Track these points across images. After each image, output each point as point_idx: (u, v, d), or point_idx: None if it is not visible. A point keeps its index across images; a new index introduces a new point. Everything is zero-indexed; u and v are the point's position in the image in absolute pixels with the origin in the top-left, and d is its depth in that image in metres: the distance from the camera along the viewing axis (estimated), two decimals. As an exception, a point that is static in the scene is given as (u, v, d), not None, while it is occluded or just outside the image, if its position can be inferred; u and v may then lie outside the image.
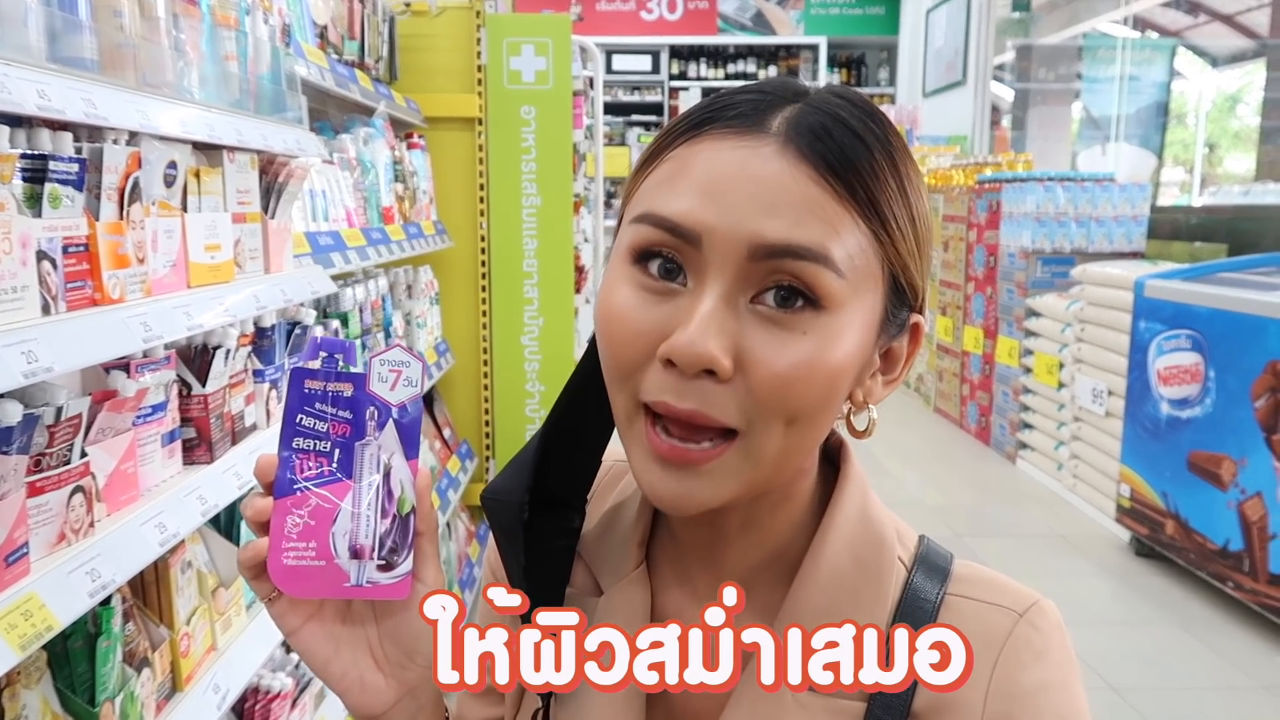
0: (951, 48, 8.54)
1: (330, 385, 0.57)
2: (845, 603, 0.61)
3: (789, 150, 0.54)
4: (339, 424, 0.57)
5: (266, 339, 1.59)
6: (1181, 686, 2.82)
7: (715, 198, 0.54)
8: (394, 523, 0.58)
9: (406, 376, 0.58)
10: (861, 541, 0.63)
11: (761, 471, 0.57)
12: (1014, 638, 0.60)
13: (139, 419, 1.24)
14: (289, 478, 0.57)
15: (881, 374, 0.62)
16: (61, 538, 1.06)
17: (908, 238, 0.58)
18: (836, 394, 0.57)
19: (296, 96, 1.82)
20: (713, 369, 0.53)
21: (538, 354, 3.42)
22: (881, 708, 0.58)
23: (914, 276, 0.59)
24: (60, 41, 1.10)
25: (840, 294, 0.54)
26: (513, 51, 3.25)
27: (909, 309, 0.61)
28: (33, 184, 1.02)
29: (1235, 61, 9.05)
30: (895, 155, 0.57)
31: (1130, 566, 3.77)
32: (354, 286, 2.28)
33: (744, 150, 0.55)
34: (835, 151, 0.54)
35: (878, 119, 0.58)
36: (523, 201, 3.33)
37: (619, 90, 9.86)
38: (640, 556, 0.68)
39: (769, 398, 0.54)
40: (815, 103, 0.57)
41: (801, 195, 0.54)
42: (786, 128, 0.55)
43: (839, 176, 0.54)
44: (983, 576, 0.64)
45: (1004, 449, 5.27)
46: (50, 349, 0.96)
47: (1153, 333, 3.71)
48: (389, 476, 0.58)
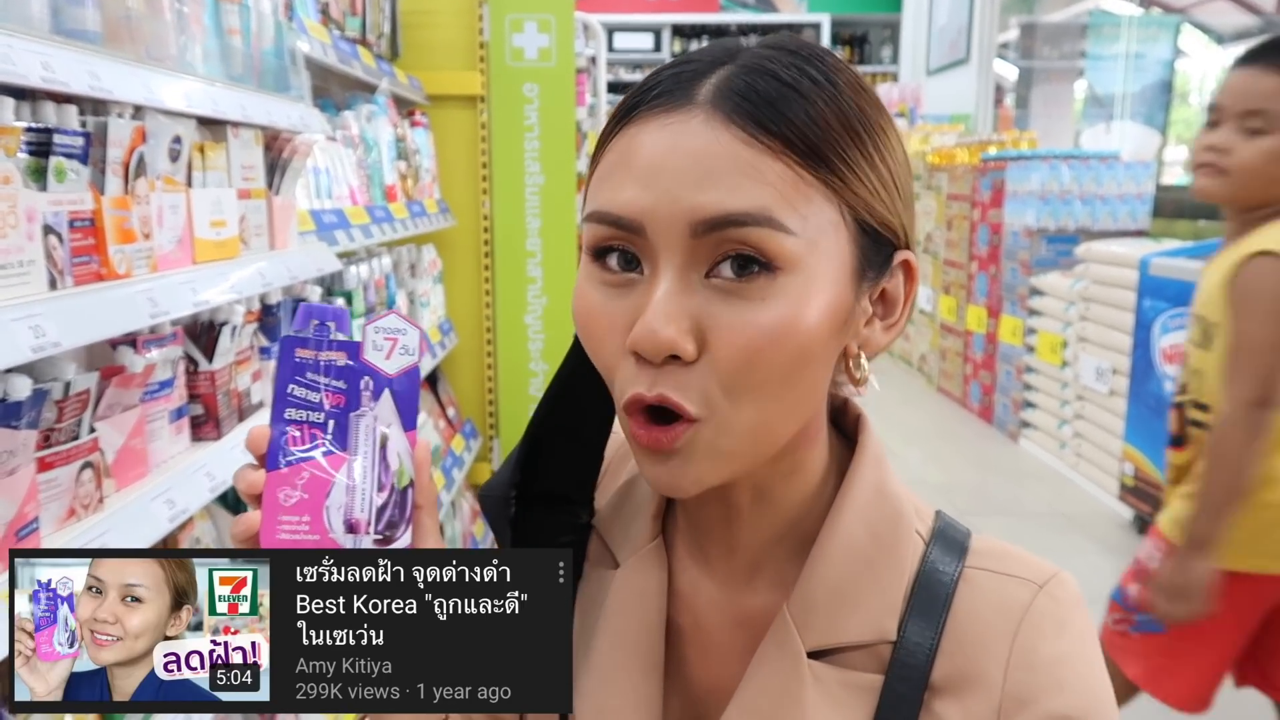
0: (955, 25, 8.48)
1: (322, 354, 0.56)
2: (862, 576, 0.61)
3: (716, 116, 0.53)
4: (332, 394, 0.56)
5: (272, 316, 1.58)
6: (1184, 662, 2.83)
7: (649, 181, 0.53)
8: (391, 496, 0.57)
9: (403, 345, 0.57)
10: (878, 514, 0.62)
11: (742, 444, 0.55)
12: (1034, 609, 0.59)
13: (147, 395, 1.23)
14: (281, 450, 0.55)
15: (880, 319, 0.60)
16: (71, 513, 1.06)
17: (867, 178, 0.55)
18: (810, 355, 0.54)
19: (300, 72, 1.81)
20: (676, 354, 0.52)
21: (541, 333, 3.42)
22: (899, 680, 0.58)
23: (884, 215, 0.57)
24: (63, 14, 1.09)
25: (795, 252, 0.52)
26: (515, 28, 3.23)
27: (891, 248, 0.58)
28: (37, 157, 1.01)
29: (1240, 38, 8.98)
30: (842, 97, 0.55)
31: (1133, 544, 3.77)
32: (358, 265, 2.27)
33: (672, 126, 0.53)
34: (764, 107, 0.52)
35: (818, 61, 0.55)
36: (526, 180, 3.32)
37: (620, 69, 9.81)
38: (656, 529, 0.67)
39: (738, 371, 0.53)
40: (744, 61, 0.55)
41: (734, 160, 0.52)
42: (712, 94, 0.53)
43: (770, 131, 0.52)
44: (1000, 549, 0.63)
45: (1007, 428, 5.27)
46: (58, 324, 0.96)
47: (1157, 311, 3.70)
48: (385, 448, 0.57)
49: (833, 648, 0.60)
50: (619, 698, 0.63)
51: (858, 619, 0.60)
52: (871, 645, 0.59)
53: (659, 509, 0.68)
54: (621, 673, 0.64)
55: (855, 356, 0.59)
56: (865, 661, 0.59)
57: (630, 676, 0.63)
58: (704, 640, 0.65)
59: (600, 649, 0.64)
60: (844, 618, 0.60)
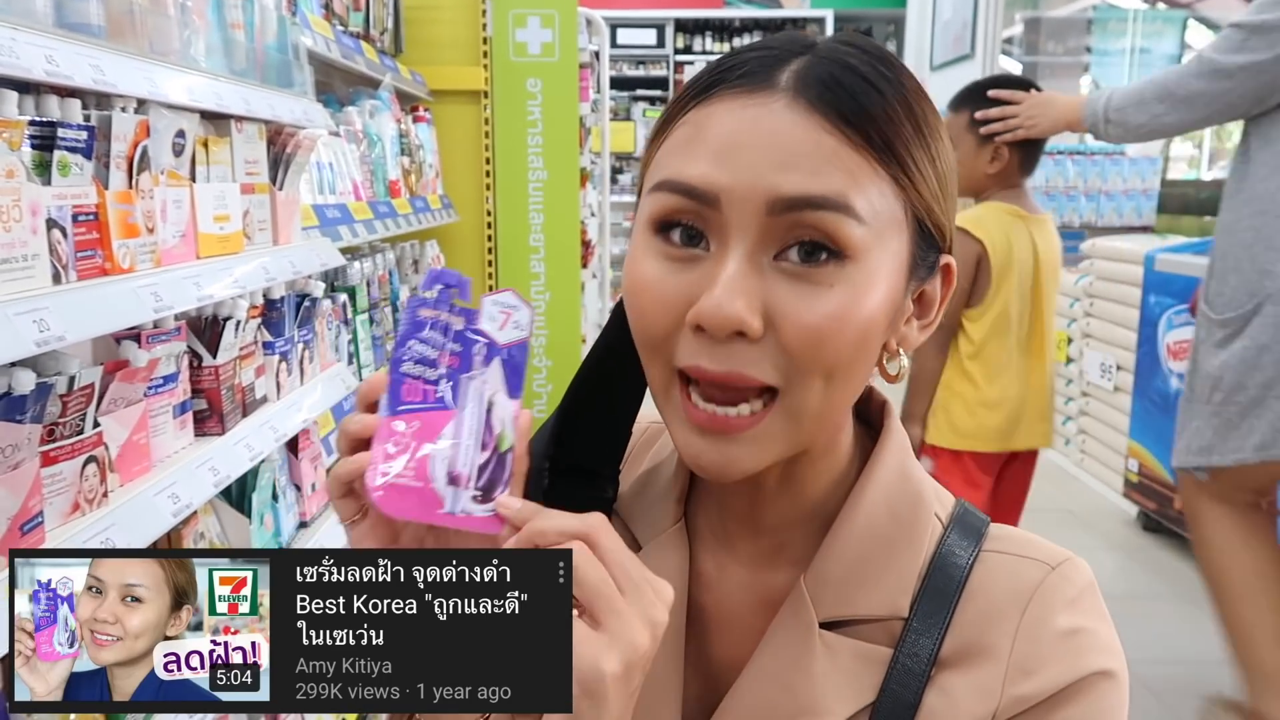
0: (959, 20, 8.46)
1: (444, 315, 0.58)
2: (878, 554, 0.62)
3: (799, 103, 0.54)
4: (447, 355, 0.58)
5: (276, 311, 1.58)
6: (1188, 659, 2.83)
7: (729, 158, 0.54)
8: (493, 456, 0.58)
9: (515, 320, 0.59)
10: (899, 495, 0.63)
11: (804, 431, 0.57)
12: (1045, 586, 0.60)
13: (150, 390, 1.23)
14: (397, 398, 0.57)
15: (916, 319, 0.61)
16: (75, 507, 1.06)
17: (929, 179, 0.57)
18: (870, 344, 0.56)
19: (303, 67, 1.81)
20: (742, 330, 0.53)
21: (544, 329, 3.42)
22: (909, 655, 0.59)
23: (939, 217, 0.59)
24: (67, 7, 1.09)
25: (864, 242, 0.54)
26: (518, 23, 3.23)
27: (937, 251, 0.60)
28: (42, 151, 1.01)
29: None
30: (910, 98, 0.57)
31: (1137, 541, 3.77)
32: (361, 260, 2.27)
33: (754, 108, 0.55)
34: (846, 99, 0.54)
35: (889, 63, 0.57)
36: (529, 175, 3.32)
37: (624, 64, 9.79)
38: (679, 513, 0.68)
39: (802, 353, 0.54)
40: (823, 53, 0.56)
41: (815, 146, 0.53)
42: (795, 81, 0.55)
43: (851, 124, 0.54)
44: (1017, 535, 0.64)
45: (1010, 424, 5.26)
46: (62, 318, 0.96)
47: (1163, 307, 3.69)
48: (491, 412, 0.58)
49: (846, 619, 0.61)
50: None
51: (872, 593, 0.61)
52: (884, 620, 0.61)
53: (682, 492, 0.69)
54: None
55: (895, 353, 0.61)
56: (877, 635, 0.60)
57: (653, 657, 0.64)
58: (726, 620, 0.66)
59: None
60: (858, 591, 0.61)
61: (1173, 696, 2.61)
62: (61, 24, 1.07)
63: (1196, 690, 2.66)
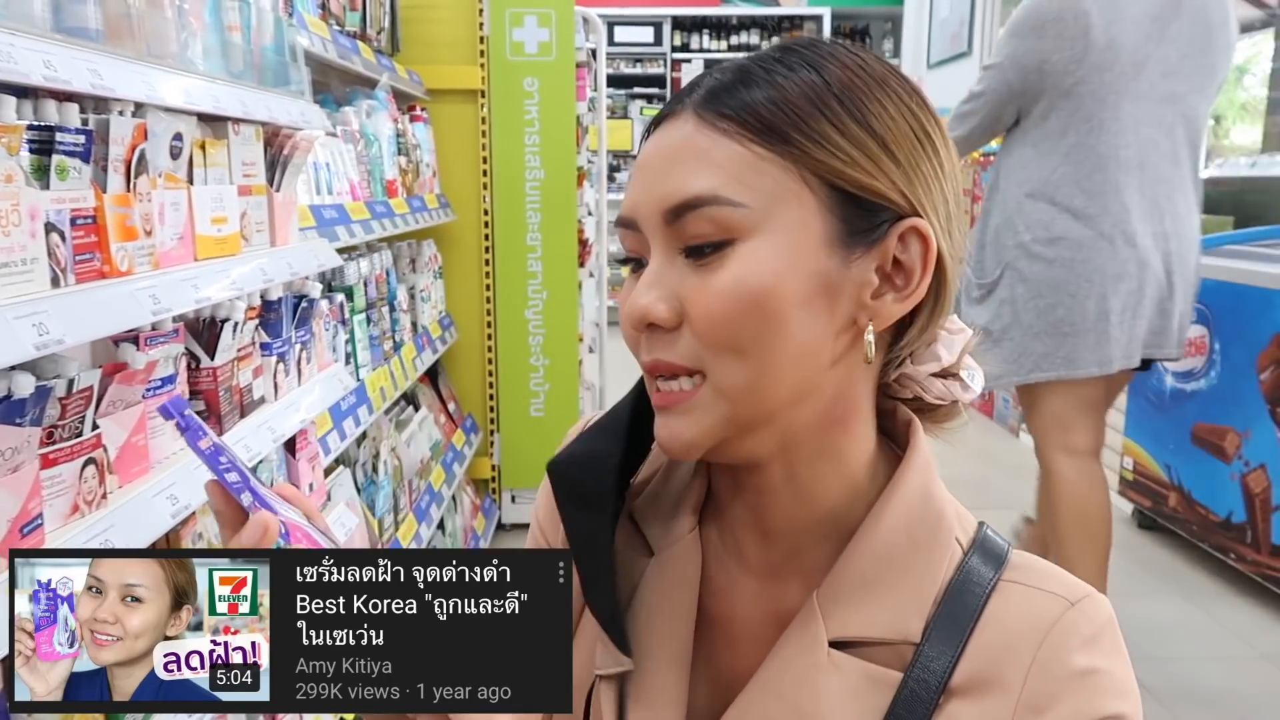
0: (957, 18, 8.46)
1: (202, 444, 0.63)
2: (894, 574, 0.61)
3: (691, 115, 0.60)
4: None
5: (273, 312, 1.59)
6: (1183, 656, 2.84)
7: (640, 181, 0.61)
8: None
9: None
10: (919, 517, 0.63)
11: (736, 405, 0.59)
12: (1063, 622, 0.59)
13: (149, 391, 1.24)
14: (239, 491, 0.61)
15: (895, 290, 0.60)
16: (75, 509, 1.07)
17: (836, 146, 0.57)
18: (780, 316, 0.57)
19: (300, 68, 1.81)
20: (653, 320, 0.59)
21: (542, 328, 3.42)
22: (918, 681, 0.58)
23: (862, 180, 0.58)
24: (64, 11, 1.10)
25: (747, 221, 0.57)
26: (515, 22, 3.23)
27: (888, 215, 0.59)
28: (40, 155, 1.02)
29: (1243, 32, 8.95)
30: (816, 74, 0.59)
31: (1133, 539, 3.78)
32: (358, 260, 2.27)
33: (665, 130, 0.61)
34: (723, 94, 0.59)
35: (807, 48, 0.60)
36: (526, 174, 3.32)
37: (621, 62, 9.78)
38: (694, 521, 0.68)
39: (708, 333, 0.58)
40: (730, 65, 0.61)
41: (692, 149, 0.58)
42: (694, 96, 0.60)
43: (725, 115, 0.58)
44: (1038, 566, 0.63)
45: (1007, 422, 5.27)
46: (61, 321, 0.96)
47: (1158, 305, 3.70)
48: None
49: (855, 640, 0.60)
50: (646, 683, 0.64)
51: (884, 616, 0.60)
52: (894, 643, 0.60)
53: (698, 502, 0.69)
54: (649, 660, 0.65)
55: (863, 328, 0.60)
56: (887, 658, 0.60)
57: (658, 664, 0.64)
58: (736, 630, 0.66)
59: (631, 635, 0.66)
60: (869, 612, 0.61)
61: (1168, 694, 2.62)
62: (60, 28, 1.08)
63: (1192, 687, 2.68)
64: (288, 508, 0.63)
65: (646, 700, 0.64)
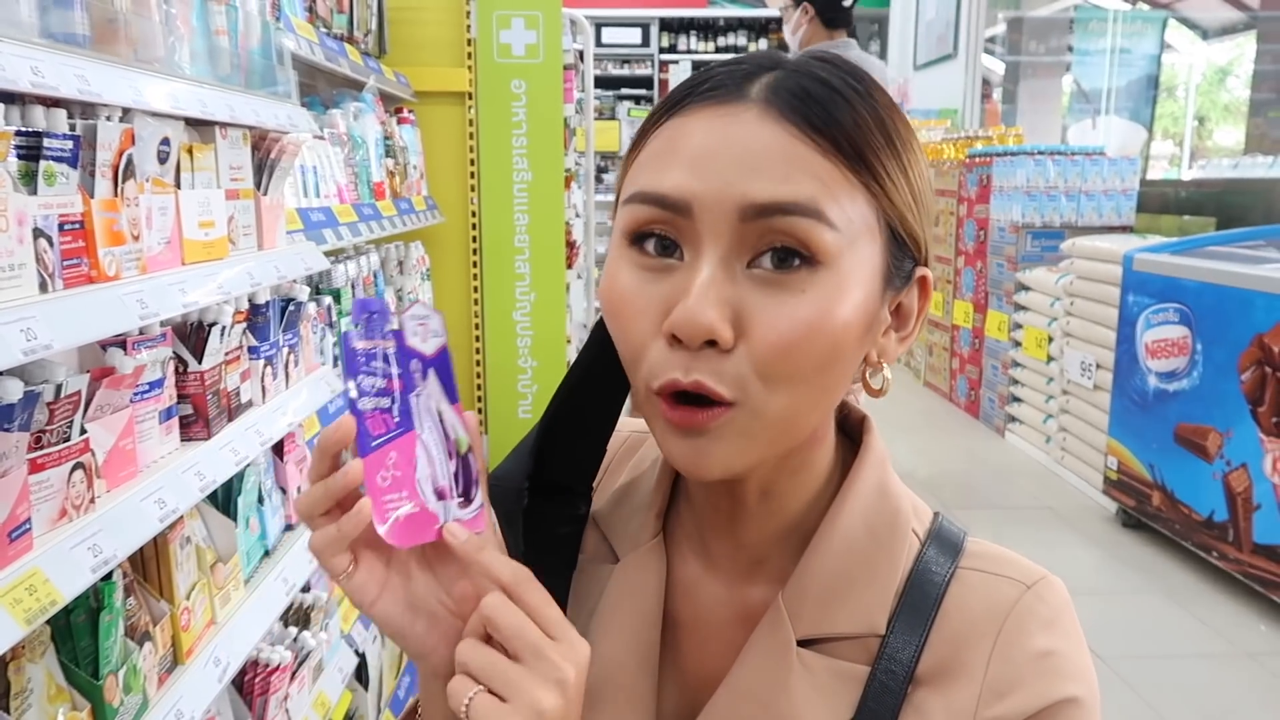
0: (942, 20, 8.50)
1: (378, 344, 0.59)
2: (857, 570, 0.62)
3: (770, 113, 0.55)
4: (392, 379, 0.59)
5: (261, 315, 1.59)
6: (1166, 654, 2.86)
7: (701, 167, 0.55)
8: (458, 462, 0.60)
9: (432, 329, 0.60)
10: (876, 513, 0.64)
11: (772, 431, 0.57)
12: (1020, 606, 0.60)
13: (136, 396, 1.24)
14: (367, 436, 0.58)
15: (895, 330, 0.62)
16: (63, 514, 1.07)
17: (901, 189, 0.58)
18: (842, 351, 0.56)
19: (287, 71, 1.81)
20: (714, 339, 0.53)
21: (530, 329, 3.43)
22: (886, 673, 0.59)
23: (913, 227, 0.59)
24: (51, 16, 1.10)
25: (836, 248, 0.54)
26: (503, 25, 3.23)
27: (913, 261, 0.61)
28: (27, 161, 1.02)
29: (1225, 34, 9.03)
30: (880, 109, 0.58)
31: (1117, 537, 3.81)
32: (346, 263, 2.27)
33: (725, 119, 0.55)
34: (816, 108, 0.55)
35: (859, 76, 0.58)
36: (514, 176, 3.32)
37: (609, 64, 9.79)
38: (658, 526, 0.68)
39: (773, 362, 0.54)
40: (793, 67, 0.58)
41: (786, 154, 0.54)
42: (766, 92, 0.56)
43: (821, 132, 0.55)
44: (994, 552, 0.65)
45: (993, 422, 5.30)
46: (49, 326, 0.96)
47: (1141, 306, 3.73)
48: (443, 421, 0.60)
49: (823, 637, 0.61)
50: (614, 688, 0.64)
51: (848, 611, 0.61)
52: (861, 637, 0.61)
53: (662, 507, 0.69)
54: (616, 665, 0.65)
55: (876, 365, 0.61)
56: (854, 652, 0.61)
57: (626, 668, 0.65)
58: (703, 634, 0.66)
59: (596, 641, 0.65)
60: (835, 609, 0.61)
61: (1150, 690, 2.65)
62: (47, 33, 1.08)
63: (1175, 684, 2.70)
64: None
65: (615, 705, 0.64)
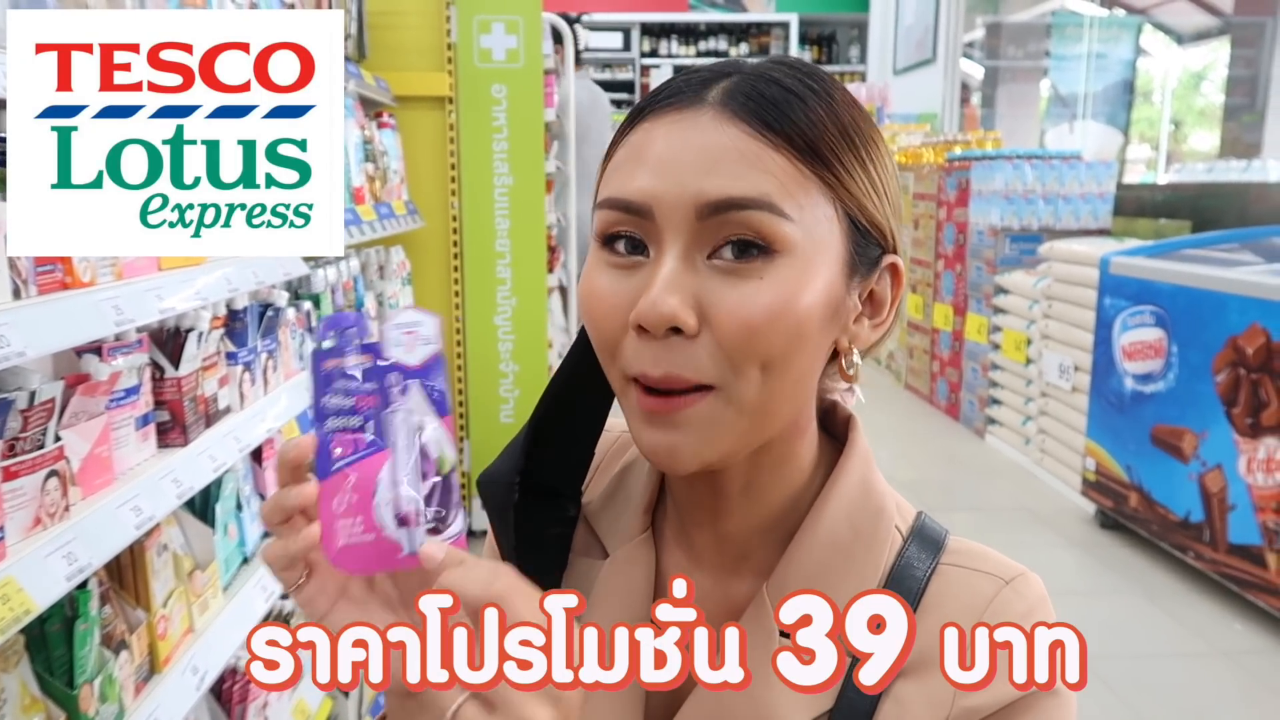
0: (922, 25, 8.56)
1: (348, 361, 0.57)
2: (838, 566, 0.64)
3: (725, 115, 0.58)
4: (365, 397, 0.57)
5: (239, 321, 1.58)
6: (1143, 653, 2.89)
7: (660, 170, 0.58)
8: (438, 482, 0.57)
9: (422, 336, 0.57)
10: (860, 509, 0.66)
11: (745, 419, 0.59)
12: (998, 600, 0.62)
13: (112, 403, 1.23)
14: (328, 458, 0.56)
15: (868, 318, 0.64)
16: (37, 522, 1.06)
17: (859, 180, 0.60)
18: (805, 334, 0.58)
19: (265, 76, 1.80)
20: (678, 326, 0.56)
21: (511, 334, 3.43)
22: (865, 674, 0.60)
23: (874, 216, 0.61)
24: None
25: (792, 237, 0.57)
26: (483, 29, 3.23)
27: (879, 249, 0.63)
28: (0, 167, 1.01)
29: (1200, 39, 9.14)
30: (836, 106, 0.60)
31: (1095, 538, 3.84)
32: (325, 268, 2.27)
33: (684, 124, 0.58)
34: (769, 108, 0.58)
35: (816, 76, 0.61)
36: (494, 181, 3.32)
37: (590, 68, 9.80)
38: (646, 522, 0.70)
39: (738, 345, 0.56)
40: (749, 71, 0.61)
41: (739, 152, 0.57)
42: (722, 96, 0.59)
43: (775, 130, 0.57)
44: (974, 549, 0.67)
45: (973, 424, 5.34)
46: (22, 333, 0.96)
47: (1118, 309, 3.77)
48: (424, 438, 0.57)
49: None
50: None
51: None
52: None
53: (650, 502, 0.71)
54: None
55: (848, 352, 0.63)
56: None
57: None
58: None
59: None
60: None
61: (1129, 690, 2.67)
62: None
63: (1152, 683, 2.73)
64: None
65: (604, 694, 0.65)
